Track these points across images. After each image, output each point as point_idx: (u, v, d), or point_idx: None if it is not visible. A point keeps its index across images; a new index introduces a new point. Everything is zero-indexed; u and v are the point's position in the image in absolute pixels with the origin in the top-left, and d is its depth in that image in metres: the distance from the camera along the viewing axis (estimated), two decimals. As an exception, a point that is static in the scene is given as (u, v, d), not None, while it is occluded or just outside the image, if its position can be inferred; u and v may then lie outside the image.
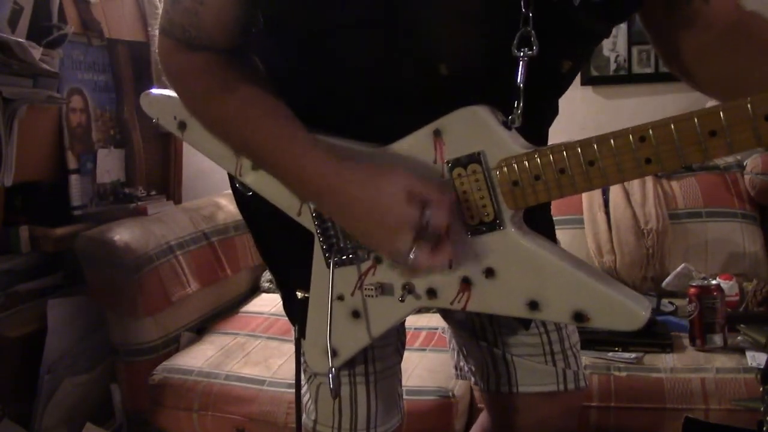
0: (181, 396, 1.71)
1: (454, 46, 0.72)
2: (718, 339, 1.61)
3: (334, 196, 0.73)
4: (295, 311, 0.90)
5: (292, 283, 0.90)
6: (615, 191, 2.08)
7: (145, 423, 1.80)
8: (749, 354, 1.56)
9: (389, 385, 0.96)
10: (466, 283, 0.75)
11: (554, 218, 0.96)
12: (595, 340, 1.65)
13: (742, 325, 1.63)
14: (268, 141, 0.76)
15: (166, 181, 2.39)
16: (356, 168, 0.72)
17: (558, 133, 0.85)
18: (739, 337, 1.62)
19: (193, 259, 2.00)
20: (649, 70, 2.34)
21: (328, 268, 0.82)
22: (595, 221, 2.05)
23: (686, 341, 1.66)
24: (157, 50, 0.82)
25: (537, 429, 1.02)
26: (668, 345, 1.63)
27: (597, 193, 2.08)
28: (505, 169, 0.70)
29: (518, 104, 0.70)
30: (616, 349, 1.63)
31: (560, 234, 2.02)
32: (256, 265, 2.28)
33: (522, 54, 0.69)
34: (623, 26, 2.32)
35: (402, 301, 0.78)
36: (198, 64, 0.78)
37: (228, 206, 2.24)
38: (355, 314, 0.83)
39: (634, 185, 2.08)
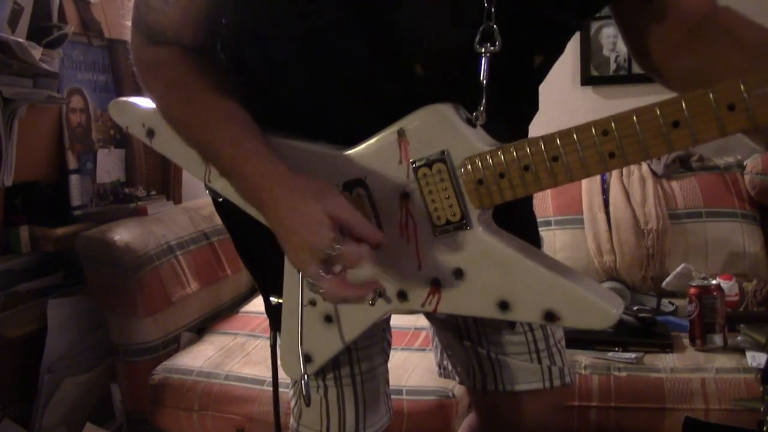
0: (181, 396, 1.71)
1: (428, 45, 0.71)
2: (718, 339, 1.61)
3: (268, 207, 0.71)
4: (272, 316, 0.90)
5: (268, 288, 0.89)
6: (615, 191, 2.08)
7: (145, 423, 1.80)
8: (749, 354, 1.56)
9: (376, 385, 0.96)
10: (435, 286, 0.74)
11: (554, 218, 0.96)
12: (595, 340, 1.65)
13: (742, 325, 1.63)
14: (221, 144, 0.75)
15: (166, 181, 2.39)
16: (295, 182, 0.70)
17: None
18: (739, 337, 1.62)
19: (193, 259, 2.00)
20: (649, 70, 2.34)
21: (298, 272, 0.80)
22: (595, 221, 2.05)
23: (686, 341, 1.66)
24: (129, 42, 0.82)
25: (524, 426, 1.02)
26: (668, 345, 1.63)
27: (597, 193, 2.08)
28: (470, 167, 0.69)
29: (481, 101, 0.70)
30: (616, 349, 1.63)
31: (560, 234, 2.05)
32: (256, 265, 2.28)
33: (484, 50, 0.68)
34: (623, 26, 2.32)
35: (372, 304, 0.77)
36: (162, 58, 0.78)
37: (228, 206, 2.24)
38: (328, 319, 0.82)
39: (635, 185, 2.08)
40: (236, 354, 1.84)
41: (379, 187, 0.75)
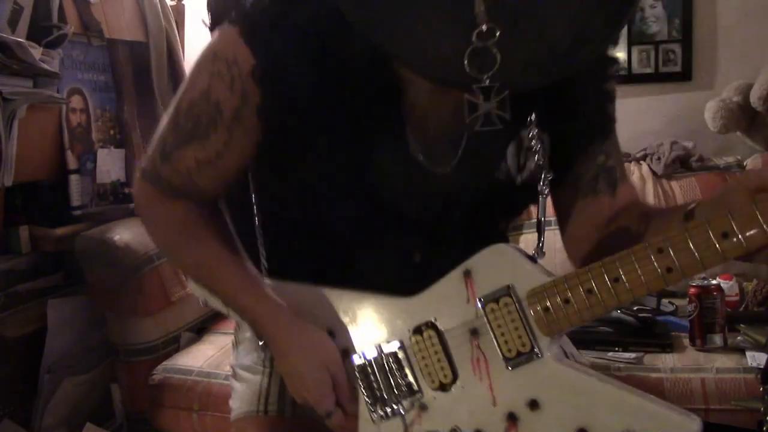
0: (181, 396, 1.71)
1: (430, 232, 0.83)
2: (718, 339, 1.61)
3: (276, 345, 0.84)
4: None
5: None
6: (615, 191, 2.07)
7: (145, 423, 1.80)
8: (749, 354, 1.56)
9: None
10: (512, 420, 0.74)
11: (554, 218, 0.95)
12: (595, 340, 1.65)
13: (742, 325, 1.63)
14: (232, 289, 0.86)
15: (166, 181, 2.38)
16: (295, 330, 0.82)
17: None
18: (739, 337, 1.62)
19: (193, 259, 2.00)
20: (649, 70, 2.34)
21: (374, 423, 0.81)
22: (595, 221, 2.04)
23: (686, 341, 1.66)
24: (134, 191, 0.90)
25: None
26: (668, 345, 1.63)
27: (597, 193, 2.08)
28: (536, 297, 0.72)
29: (541, 239, 0.78)
30: (616, 349, 1.63)
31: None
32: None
33: (545, 191, 0.78)
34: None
35: None
36: (177, 215, 0.86)
37: (228, 206, 2.24)
38: None
39: (635, 185, 2.07)
40: (236, 354, 1.84)
41: (448, 328, 0.77)
